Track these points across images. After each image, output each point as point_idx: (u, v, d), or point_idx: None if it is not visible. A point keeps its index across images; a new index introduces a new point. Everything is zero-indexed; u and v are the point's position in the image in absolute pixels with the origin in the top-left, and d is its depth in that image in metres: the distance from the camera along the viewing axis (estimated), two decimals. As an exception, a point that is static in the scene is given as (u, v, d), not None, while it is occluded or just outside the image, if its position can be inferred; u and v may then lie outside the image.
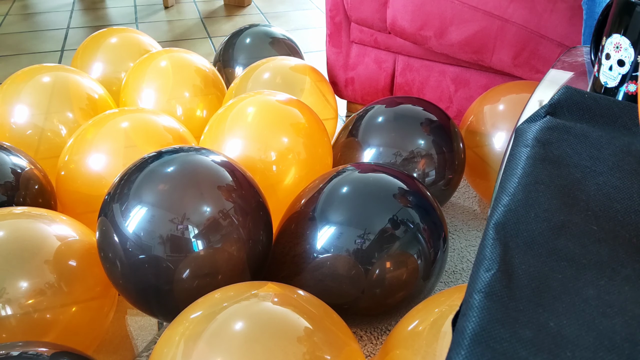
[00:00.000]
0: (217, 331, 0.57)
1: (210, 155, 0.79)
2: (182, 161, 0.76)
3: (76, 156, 0.94)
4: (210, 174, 0.76)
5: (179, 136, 1.00)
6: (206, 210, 0.73)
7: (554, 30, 1.04)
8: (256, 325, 0.57)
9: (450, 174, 1.02)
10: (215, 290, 0.65)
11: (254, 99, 0.98)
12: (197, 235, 0.72)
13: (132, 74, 1.23)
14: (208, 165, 0.77)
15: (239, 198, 0.76)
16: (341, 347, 0.59)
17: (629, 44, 0.56)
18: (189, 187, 0.74)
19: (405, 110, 1.02)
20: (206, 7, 2.45)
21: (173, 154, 0.78)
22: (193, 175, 0.75)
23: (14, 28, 2.18)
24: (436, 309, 0.63)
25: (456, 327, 0.32)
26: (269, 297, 0.61)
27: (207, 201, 0.74)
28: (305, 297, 0.65)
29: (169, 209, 0.72)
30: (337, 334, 0.61)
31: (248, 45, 1.43)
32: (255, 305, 0.60)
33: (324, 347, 0.57)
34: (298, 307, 0.61)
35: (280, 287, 0.65)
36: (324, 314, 0.63)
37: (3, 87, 1.14)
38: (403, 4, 1.16)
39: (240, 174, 0.80)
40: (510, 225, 0.37)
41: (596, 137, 0.47)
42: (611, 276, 0.33)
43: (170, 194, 0.73)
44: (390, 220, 0.75)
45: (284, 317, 0.59)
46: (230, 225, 0.75)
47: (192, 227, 0.72)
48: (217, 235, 0.73)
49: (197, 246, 0.72)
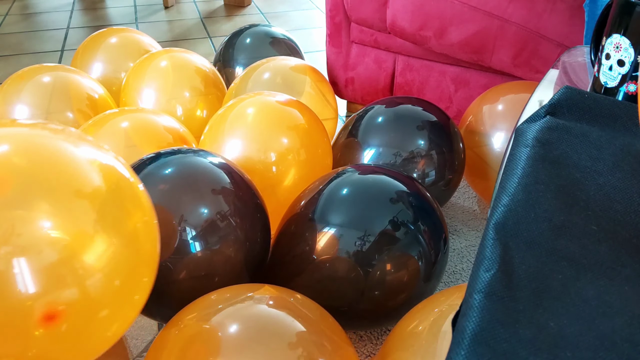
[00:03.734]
0: (212, 333, 0.57)
1: (208, 157, 0.79)
2: (180, 163, 0.76)
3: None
4: (208, 176, 0.76)
5: (179, 136, 1.00)
6: (203, 212, 0.73)
7: (553, 30, 1.04)
8: (251, 327, 0.57)
9: (450, 174, 1.02)
10: (211, 292, 0.65)
11: (254, 100, 0.98)
12: (194, 237, 0.72)
13: (133, 73, 1.23)
14: (205, 167, 0.77)
15: (236, 200, 0.76)
16: (335, 350, 0.59)
17: (629, 44, 0.56)
18: (187, 189, 0.74)
19: (405, 110, 1.02)
20: (206, 7, 2.45)
21: (170, 155, 0.78)
22: (191, 177, 0.75)
23: (14, 28, 2.18)
24: (435, 309, 0.63)
25: (456, 327, 0.32)
26: (264, 299, 0.61)
27: (205, 203, 0.74)
28: (301, 300, 0.65)
29: (167, 210, 0.72)
30: (331, 337, 0.61)
31: (248, 45, 1.44)
32: (250, 307, 0.60)
33: (318, 351, 0.57)
34: (293, 310, 0.61)
35: (276, 289, 0.65)
36: (319, 318, 0.63)
37: (3, 87, 1.14)
38: (403, 4, 1.16)
39: (237, 175, 0.80)
40: (510, 225, 0.37)
41: (596, 137, 0.47)
42: (611, 276, 0.33)
43: (167, 195, 0.73)
44: (391, 222, 0.75)
45: (278, 320, 0.59)
46: (228, 227, 0.75)
47: (189, 228, 0.72)
48: (214, 237, 0.73)
49: (195, 248, 0.73)
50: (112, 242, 0.51)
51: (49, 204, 0.48)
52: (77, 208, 0.50)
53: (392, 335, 0.65)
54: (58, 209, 0.49)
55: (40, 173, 0.49)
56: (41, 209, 0.48)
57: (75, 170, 0.51)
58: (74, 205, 0.49)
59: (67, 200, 0.49)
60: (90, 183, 0.51)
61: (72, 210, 0.49)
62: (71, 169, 0.51)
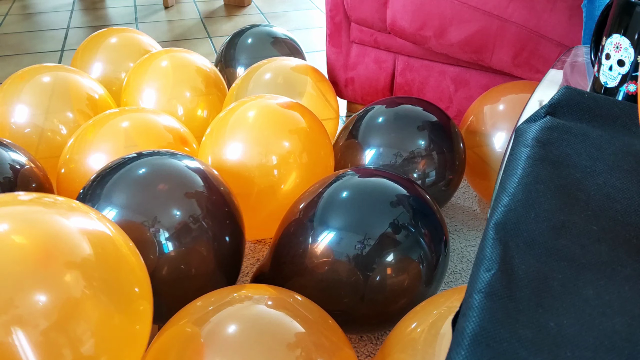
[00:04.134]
0: (210, 334, 0.57)
1: (183, 160, 0.81)
2: (152, 164, 0.78)
3: (77, 155, 0.94)
4: (181, 180, 0.78)
5: (179, 136, 1.00)
6: (176, 214, 0.75)
7: (553, 30, 1.04)
8: (250, 328, 0.57)
9: (450, 175, 1.02)
10: (211, 292, 0.66)
11: (255, 103, 0.98)
12: (167, 239, 0.74)
13: (134, 73, 1.23)
14: (179, 171, 0.79)
15: (208, 204, 0.78)
16: (334, 351, 0.59)
17: (629, 44, 0.56)
18: (159, 191, 0.76)
19: (405, 110, 1.02)
20: (206, 7, 2.45)
21: (142, 158, 0.80)
22: (164, 179, 0.77)
23: (14, 28, 2.18)
24: (434, 311, 0.63)
25: (456, 327, 0.32)
26: (263, 300, 0.61)
27: (177, 206, 0.76)
28: (301, 301, 0.65)
29: (137, 212, 0.74)
30: (331, 338, 0.61)
31: (250, 45, 1.43)
32: (250, 308, 0.60)
33: (317, 352, 0.57)
34: (292, 311, 0.61)
35: (276, 290, 0.65)
36: (319, 319, 0.63)
37: (3, 87, 1.14)
38: (403, 4, 1.16)
39: (211, 180, 0.81)
40: (510, 225, 0.37)
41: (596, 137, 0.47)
42: (611, 276, 0.33)
43: (140, 197, 0.75)
44: (391, 225, 0.75)
45: (277, 321, 0.59)
46: (199, 229, 0.77)
47: (162, 230, 0.74)
48: (186, 238, 0.75)
49: (168, 248, 0.74)
50: (105, 307, 0.53)
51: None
52: (70, 277, 0.51)
53: (391, 338, 0.65)
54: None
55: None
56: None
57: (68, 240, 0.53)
58: (67, 275, 0.51)
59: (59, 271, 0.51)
60: (81, 252, 0.53)
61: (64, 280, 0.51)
62: (63, 239, 0.53)
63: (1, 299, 0.47)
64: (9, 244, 0.51)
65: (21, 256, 0.50)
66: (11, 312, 0.47)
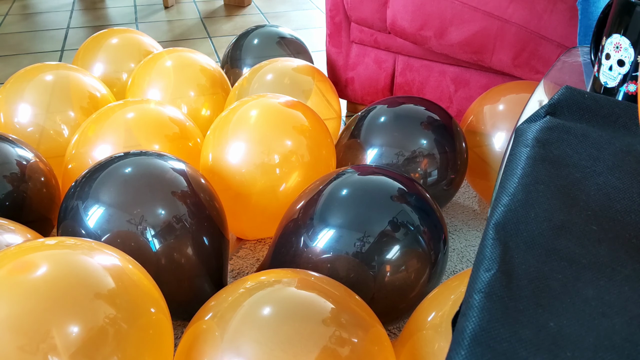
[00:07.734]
0: (245, 316, 0.58)
1: (169, 161, 0.82)
2: (138, 164, 0.80)
3: (83, 149, 0.95)
4: (164, 179, 0.80)
5: (185, 129, 1.02)
6: (161, 213, 0.77)
7: (553, 30, 1.04)
8: (284, 308, 0.58)
9: (452, 174, 1.02)
10: (236, 281, 0.67)
11: (257, 102, 0.98)
12: (152, 237, 0.76)
13: (138, 73, 1.24)
14: (163, 172, 0.80)
15: (190, 205, 0.80)
16: (367, 328, 0.60)
17: (629, 44, 0.56)
18: (143, 190, 0.77)
19: (407, 110, 1.02)
20: (206, 7, 2.45)
21: (125, 158, 0.82)
22: (148, 179, 0.79)
23: (14, 28, 2.19)
24: (452, 295, 0.65)
25: (456, 327, 0.32)
26: (292, 282, 0.63)
27: (161, 205, 0.77)
28: (326, 280, 0.66)
29: (123, 210, 0.76)
30: (362, 315, 0.62)
31: (256, 46, 1.43)
32: (281, 290, 0.61)
33: (351, 329, 0.59)
34: (322, 291, 0.62)
35: (297, 272, 0.67)
36: (346, 296, 0.64)
37: (6, 86, 1.14)
38: (403, 4, 1.16)
39: (195, 181, 0.82)
40: (510, 225, 0.37)
41: (596, 137, 0.47)
42: (611, 276, 0.33)
43: (125, 195, 0.77)
44: (390, 223, 0.75)
45: (310, 300, 0.60)
46: (182, 229, 0.78)
47: (149, 228, 0.76)
48: (169, 238, 0.77)
49: (154, 246, 0.76)
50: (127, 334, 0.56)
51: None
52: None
53: (414, 317, 0.68)
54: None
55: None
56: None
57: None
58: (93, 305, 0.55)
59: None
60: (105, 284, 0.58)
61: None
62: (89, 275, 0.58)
63: (41, 330, 0.52)
64: (43, 281, 0.55)
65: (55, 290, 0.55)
66: (48, 342, 0.52)
